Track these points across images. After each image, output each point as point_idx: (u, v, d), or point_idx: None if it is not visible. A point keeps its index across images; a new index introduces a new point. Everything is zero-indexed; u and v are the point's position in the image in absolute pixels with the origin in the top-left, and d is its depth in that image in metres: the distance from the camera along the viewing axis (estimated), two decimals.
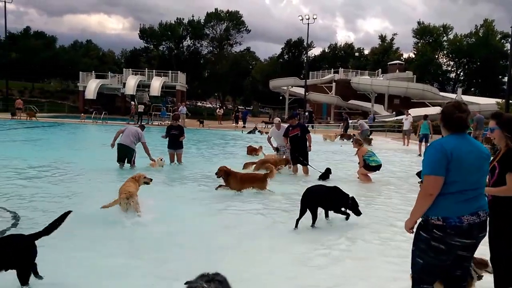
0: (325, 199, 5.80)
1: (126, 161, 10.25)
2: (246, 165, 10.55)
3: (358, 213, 5.83)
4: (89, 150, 14.88)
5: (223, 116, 38.63)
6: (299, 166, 10.29)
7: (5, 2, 40.12)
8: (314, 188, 5.97)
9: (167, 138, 11.19)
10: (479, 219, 2.72)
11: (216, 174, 7.76)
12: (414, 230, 2.92)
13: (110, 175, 9.32)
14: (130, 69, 44.97)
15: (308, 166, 10.12)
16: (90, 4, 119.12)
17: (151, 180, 6.44)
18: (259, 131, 25.08)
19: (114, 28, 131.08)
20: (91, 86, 40.12)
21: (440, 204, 2.72)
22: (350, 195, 5.94)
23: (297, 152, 10.04)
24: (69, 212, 3.92)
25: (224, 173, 7.66)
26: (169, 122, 30.97)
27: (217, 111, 41.64)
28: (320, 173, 9.63)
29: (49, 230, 3.70)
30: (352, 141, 17.21)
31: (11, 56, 51.70)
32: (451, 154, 2.69)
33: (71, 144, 17.28)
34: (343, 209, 5.88)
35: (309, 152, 10.26)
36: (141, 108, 31.80)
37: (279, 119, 11.53)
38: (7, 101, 40.26)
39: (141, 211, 5.68)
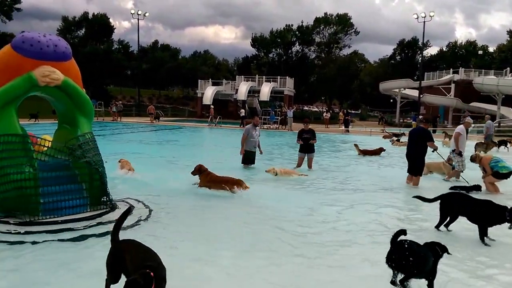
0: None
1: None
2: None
3: None
4: (215, 150, 16.87)
5: (330, 119, 38.56)
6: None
7: (138, 19, 45.99)
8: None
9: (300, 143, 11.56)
10: None
11: (192, 172, 7.99)
12: None
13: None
14: (242, 76, 48.01)
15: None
16: (207, 16, 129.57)
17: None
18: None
19: (227, 37, 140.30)
20: (208, 93, 43.73)
21: None
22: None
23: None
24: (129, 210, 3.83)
25: (197, 171, 7.89)
26: (277, 126, 32.74)
27: (324, 115, 41.66)
28: (467, 185, 8.91)
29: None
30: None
31: (142, 67, 59.17)
32: None
33: (203, 145, 19.66)
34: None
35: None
36: (242, 112, 34.06)
37: (471, 119, 10.12)
38: (139, 106, 46.27)
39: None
